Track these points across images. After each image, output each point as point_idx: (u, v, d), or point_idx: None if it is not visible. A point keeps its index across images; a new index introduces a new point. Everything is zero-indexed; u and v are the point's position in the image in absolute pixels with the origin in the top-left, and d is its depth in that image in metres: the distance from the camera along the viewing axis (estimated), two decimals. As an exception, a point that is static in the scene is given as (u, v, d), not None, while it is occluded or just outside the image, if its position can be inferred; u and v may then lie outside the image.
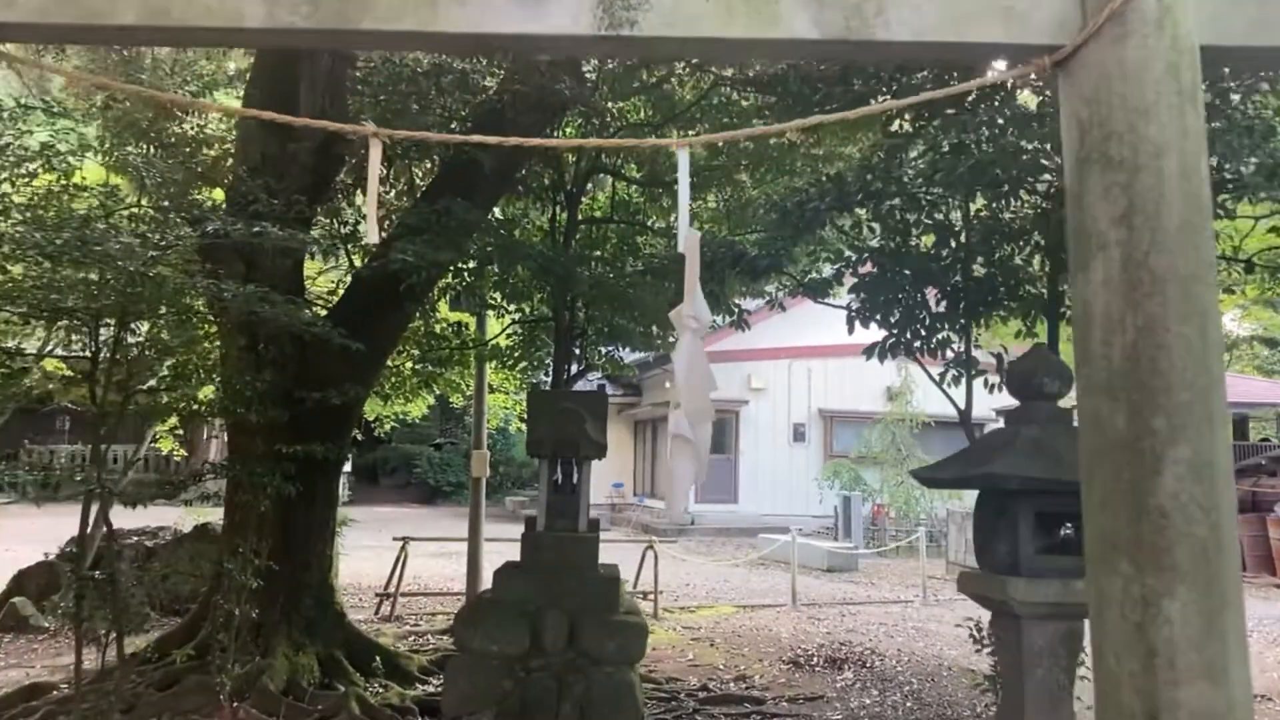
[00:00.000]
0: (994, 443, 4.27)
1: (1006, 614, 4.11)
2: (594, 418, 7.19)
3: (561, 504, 7.21)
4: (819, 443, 24.57)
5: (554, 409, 7.15)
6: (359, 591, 14.15)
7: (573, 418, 7.04)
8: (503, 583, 6.92)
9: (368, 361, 8.71)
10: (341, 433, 8.68)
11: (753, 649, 10.56)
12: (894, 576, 17.53)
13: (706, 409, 3.25)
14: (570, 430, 7.03)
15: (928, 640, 11.56)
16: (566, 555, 6.96)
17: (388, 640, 10.04)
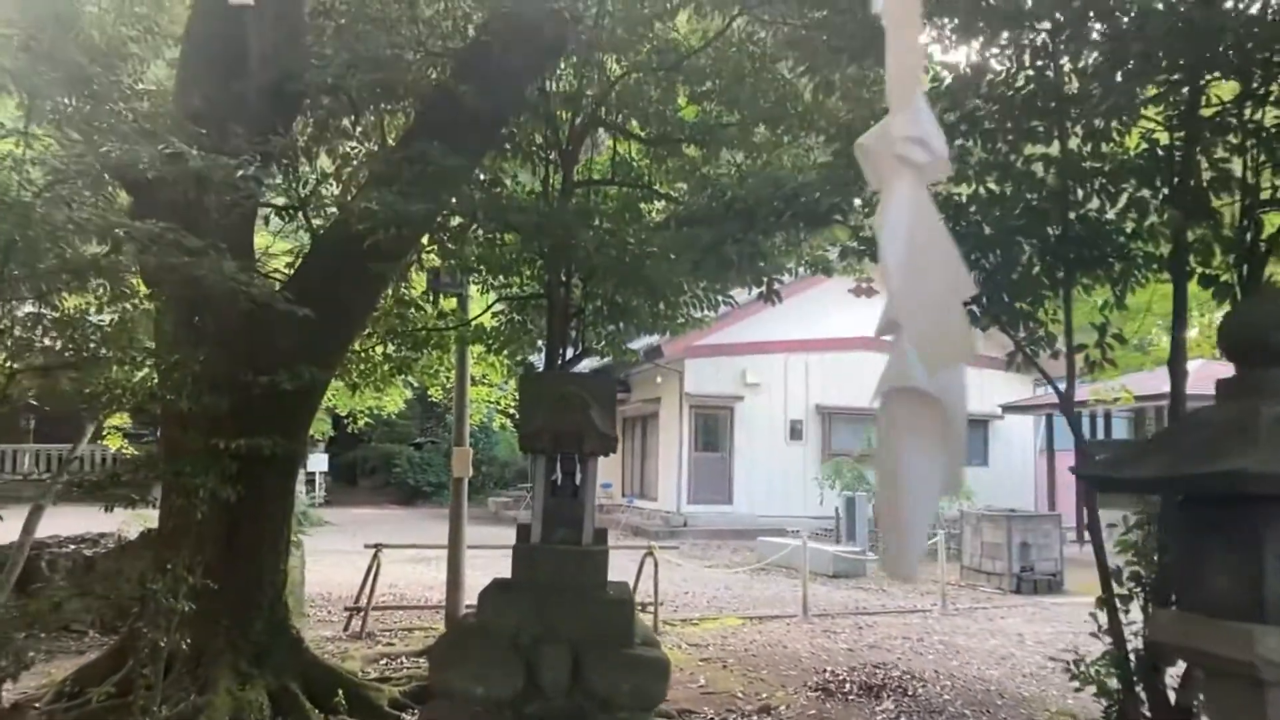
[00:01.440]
0: (1212, 427, 2.90)
1: (1235, 676, 2.75)
2: (600, 404, 5.83)
3: (561, 510, 5.84)
4: (817, 441, 23.27)
5: (552, 394, 5.79)
6: (328, 603, 12.73)
7: (575, 404, 5.68)
8: (490, 606, 5.55)
9: (328, 340, 7.34)
10: (296, 425, 7.28)
11: (771, 671, 9.21)
12: (905, 583, 16.20)
13: (955, 329, 1.81)
14: (572, 419, 5.67)
15: (962, 659, 10.25)
16: (568, 573, 5.60)
17: (355, 665, 8.62)
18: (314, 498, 28.36)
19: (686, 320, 8.83)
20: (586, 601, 5.47)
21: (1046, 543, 15.69)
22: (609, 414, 5.84)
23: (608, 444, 5.70)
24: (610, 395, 6.01)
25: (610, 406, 5.94)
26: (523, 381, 6.36)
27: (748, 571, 17.02)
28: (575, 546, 5.72)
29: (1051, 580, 15.55)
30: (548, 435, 5.73)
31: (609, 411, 5.87)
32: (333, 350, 7.34)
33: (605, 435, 5.67)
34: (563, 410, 5.66)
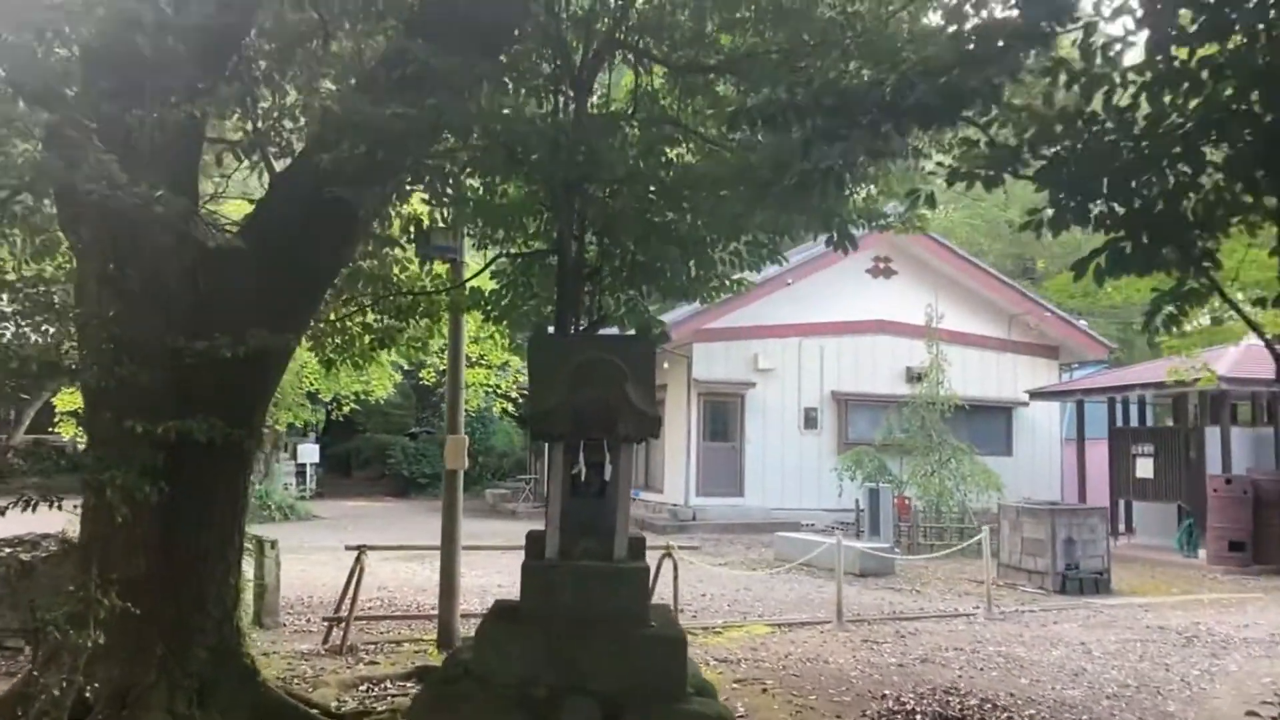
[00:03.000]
0: None
1: None
2: (638, 375, 4.39)
3: (585, 514, 4.40)
4: (832, 429, 21.80)
5: (573, 362, 4.31)
6: (308, 610, 11.25)
7: (605, 374, 4.22)
8: (490, 646, 4.11)
9: (287, 303, 5.87)
10: (246, 407, 5.81)
11: (821, 696, 7.76)
12: (938, 582, 14.80)
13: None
14: (601, 395, 4.21)
15: (1030, 675, 8.82)
16: (596, 599, 4.17)
17: (330, 692, 7.16)
18: (304, 490, 26.87)
19: (724, 283, 7.35)
20: (622, 639, 4.03)
21: (1093, 539, 14.27)
22: (648, 387, 4.39)
23: (647, 426, 4.24)
24: (649, 363, 4.56)
25: (649, 377, 4.49)
26: (533, 347, 4.87)
27: (767, 570, 15.56)
28: (605, 563, 4.27)
29: (1098, 579, 14.14)
30: (568, 416, 4.26)
31: (648, 383, 4.42)
32: (292, 315, 5.86)
33: (644, 415, 4.21)
34: (588, 382, 4.20)
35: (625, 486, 4.36)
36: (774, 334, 21.41)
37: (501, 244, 6.95)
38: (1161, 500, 18.57)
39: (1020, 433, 22.74)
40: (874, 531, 17.07)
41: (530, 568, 4.29)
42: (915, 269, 22.32)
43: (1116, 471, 19.48)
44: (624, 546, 4.34)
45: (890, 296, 22.01)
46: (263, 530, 20.28)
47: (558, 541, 4.32)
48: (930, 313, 18.54)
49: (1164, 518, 18.92)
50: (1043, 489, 21.68)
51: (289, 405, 13.56)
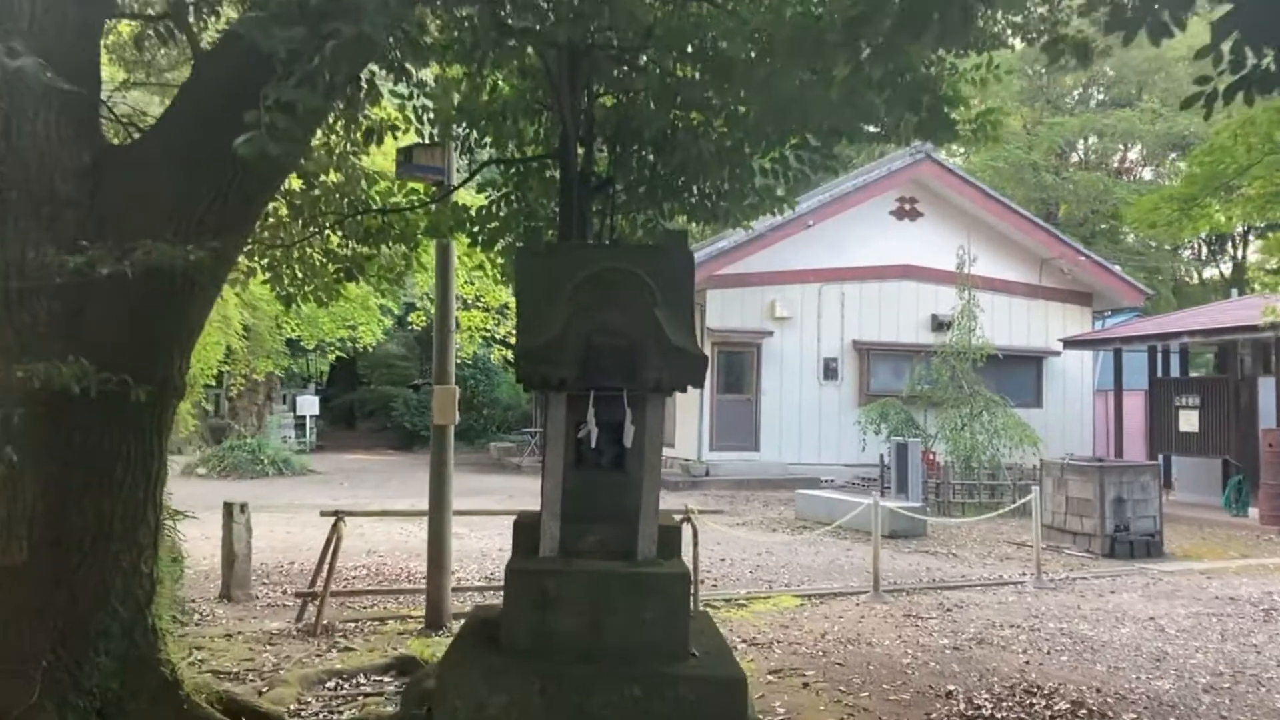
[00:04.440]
0: None
1: None
2: (672, 297, 2.98)
3: (596, 495, 3.07)
4: (853, 380, 20.43)
5: (580, 276, 2.91)
6: (287, 579, 10.02)
7: (625, 294, 2.84)
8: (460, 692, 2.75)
9: (210, 214, 4.47)
10: (158, 348, 4.47)
11: (874, 692, 6.48)
12: (974, 545, 13.53)
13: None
14: (620, 323, 2.82)
15: (1106, 661, 7.55)
16: (613, 623, 2.82)
17: (289, 692, 5.89)
18: (303, 443, 25.68)
19: (763, 201, 5.95)
20: (653, 686, 2.68)
21: (1144, 498, 12.96)
22: (685, 314, 3.03)
23: (687, 370, 2.90)
24: (686, 283, 3.19)
25: (687, 302, 3.13)
26: (524, 257, 3.48)
27: (789, 531, 14.31)
28: (625, 565, 2.94)
29: (1150, 542, 12.85)
30: (571, 354, 2.91)
31: (685, 310, 3.06)
32: (217, 229, 4.47)
33: (682, 354, 2.86)
34: (601, 305, 2.85)
35: (654, 456, 3.04)
36: (792, 280, 19.99)
37: (491, 147, 5.55)
38: (1206, 455, 17.23)
39: (1050, 384, 21.36)
40: (901, 489, 15.77)
41: (517, 573, 2.96)
42: (943, 210, 20.81)
43: (1156, 425, 18.12)
44: (652, 540, 3.03)
45: (916, 240, 20.54)
46: (254, 487, 19.21)
47: (557, 533, 3.00)
48: (962, 255, 17.10)
49: (1207, 474, 17.60)
50: (1073, 442, 20.38)
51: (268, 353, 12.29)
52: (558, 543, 3.00)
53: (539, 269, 3.18)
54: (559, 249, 3.25)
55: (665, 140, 5.67)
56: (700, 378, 2.94)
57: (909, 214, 20.88)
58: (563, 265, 3.09)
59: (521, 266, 3.36)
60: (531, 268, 3.22)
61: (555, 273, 3.09)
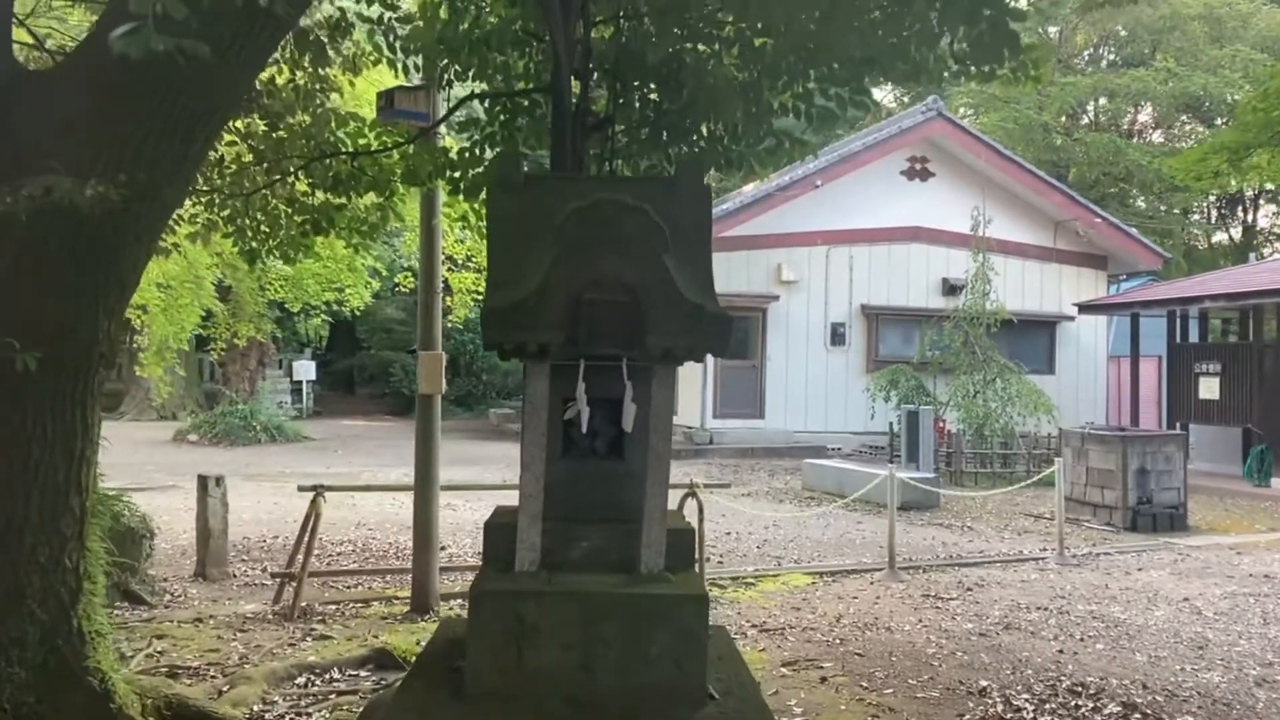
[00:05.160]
0: None
1: None
2: (684, 238, 2.28)
3: (588, 490, 2.39)
4: (861, 346, 19.73)
5: (565, 212, 2.21)
6: (269, 556, 9.42)
7: (624, 234, 2.12)
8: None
9: (141, 148, 3.78)
10: (80, 305, 3.80)
11: (900, 689, 5.86)
12: (989, 517, 12.91)
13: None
14: (616, 273, 2.13)
15: (1146, 649, 6.95)
16: (608, 661, 2.11)
17: (252, 690, 5.28)
18: (300, 409, 25.06)
19: (782, 144, 5.24)
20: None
21: (1169, 469, 12.33)
22: (701, 262, 2.35)
23: (708, 332, 2.21)
24: (705, 221, 2.50)
25: (704, 246, 2.45)
26: (495, 195, 2.75)
27: (796, 503, 13.70)
28: (624, 582, 2.29)
29: (1173, 515, 12.24)
30: (554, 311, 2.23)
31: (701, 256, 2.37)
32: (150, 169, 3.77)
33: (699, 312, 2.17)
34: (594, 247, 2.16)
35: (662, 443, 2.38)
36: (799, 242, 19.23)
37: (474, 81, 4.83)
38: (1226, 424, 16.57)
39: (1063, 350, 20.65)
40: (911, 458, 15.13)
41: (484, 596, 2.28)
42: (955, 170, 20.01)
43: (1175, 392, 17.44)
44: (659, 549, 2.37)
45: (927, 201, 19.75)
46: (245, 454, 18.61)
47: (537, 542, 2.34)
48: (977, 216, 16.35)
49: (1225, 442, 16.96)
50: (1086, 410, 19.74)
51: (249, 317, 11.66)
52: (538, 553, 2.34)
53: (514, 206, 2.49)
54: (540, 180, 2.57)
55: (671, 74, 4.96)
56: (724, 344, 2.28)
57: (920, 174, 20.08)
58: (545, 200, 2.40)
59: (493, 203, 2.66)
60: (505, 205, 2.52)
61: (535, 210, 2.41)
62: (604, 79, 5.09)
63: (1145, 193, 33.36)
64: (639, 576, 2.34)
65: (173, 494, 12.80)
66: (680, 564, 2.47)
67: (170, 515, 10.98)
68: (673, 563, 2.43)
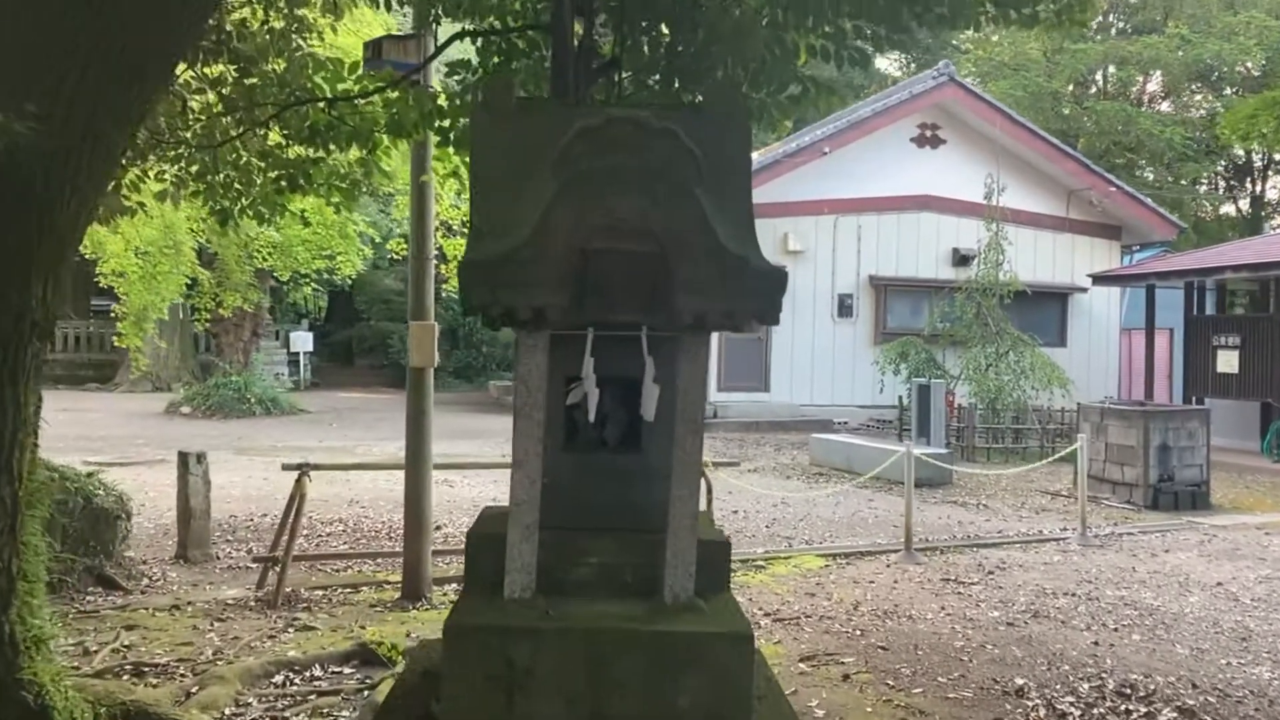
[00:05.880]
0: None
1: None
2: (719, 176, 1.71)
3: (594, 492, 1.82)
4: (869, 318, 19.20)
5: (570, 134, 1.66)
6: (255, 536, 8.93)
7: (645, 164, 1.57)
8: None
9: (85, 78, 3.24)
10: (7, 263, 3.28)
11: (929, 689, 5.39)
12: (1005, 495, 12.43)
13: None
14: (635, 213, 1.57)
15: (1186, 640, 6.49)
16: (624, 715, 1.57)
17: (224, 692, 4.80)
18: (297, 380, 24.54)
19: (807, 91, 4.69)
20: None
21: (1191, 445, 11.84)
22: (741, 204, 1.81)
23: (753, 291, 1.67)
24: (743, 156, 1.97)
25: (744, 185, 1.91)
26: (482, 122, 2.20)
27: (804, 479, 13.23)
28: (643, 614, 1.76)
29: (1195, 493, 11.76)
30: (554, 267, 1.67)
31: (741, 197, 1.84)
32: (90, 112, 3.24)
33: (743, 266, 1.63)
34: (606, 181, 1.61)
35: (691, 435, 1.86)
36: (806, 211, 18.64)
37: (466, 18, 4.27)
38: (1245, 398, 16.06)
39: (1075, 322, 20.10)
40: (922, 433, 14.64)
41: (464, 633, 1.76)
42: (966, 138, 19.38)
43: (1192, 365, 16.92)
44: (687, 568, 1.86)
45: (937, 169, 19.14)
46: (239, 426, 18.09)
47: (531, 561, 1.81)
48: (990, 184, 15.77)
49: (1242, 417, 16.47)
50: (1097, 384, 19.24)
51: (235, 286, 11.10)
52: (533, 575, 1.84)
53: (505, 137, 1.96)
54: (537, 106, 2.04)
55: (685, 11, 4.41)
56: (774, 307, 1.76)
57: (930, 141, 19.46)
58: (543, 129, 1.87)
59: (480, 133, 2.13)
60: (494, 135, 1.99)
61: (531, 141, 1.88)
62: (610, 17, 4.54)
63: (1155, 163, 32.65)
64: (663, 605, 1.84)
65: (160, 469, 12.30)
66: (712, 585, 1.97)
67: (156, 492, 10.51)
68: (704, 583, 1.93)
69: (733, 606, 2.03)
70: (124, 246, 8.77)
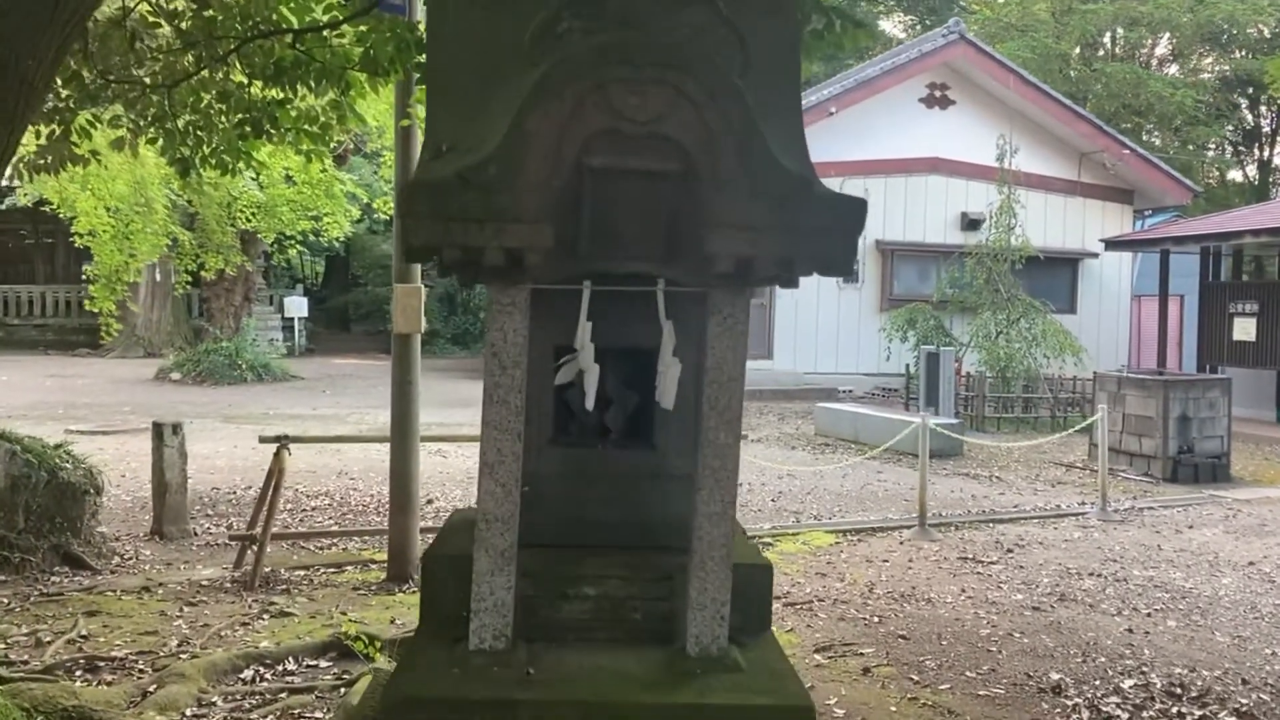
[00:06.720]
0: None
1: None
2: (765, 62, 1.18)
3: (591, 498, 1.29)
4: (875, 283, 18.66)
5: (555, 7, 1.13)
6: (238, 510, 8.45)
7: (662, 46, 1.03)
8: None
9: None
10: None
11: (956, 684, 4.94)
12: (1018, 467, 11.97)
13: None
14: (653, 115, 1.03)
15: (1224, 626, 6.07)
16: None
17: (185, 690, 4.34)
18: (291, 346, 24.01)
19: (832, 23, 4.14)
20: None
21: (1212, 416, 11.37)
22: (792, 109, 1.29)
23: (815, 229, 1.15)
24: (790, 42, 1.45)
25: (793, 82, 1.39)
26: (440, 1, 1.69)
27: (810, 450, 12.76)
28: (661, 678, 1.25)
29: (1216, 465, 11.31)
30: (536, 193, 1.15)
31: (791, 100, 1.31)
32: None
33: (806, 190, 1.11)
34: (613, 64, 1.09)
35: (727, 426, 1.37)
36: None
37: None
38: (1263, 366, 15.56)
39: (1086, 288, 19.56)
40: (930, 402, 14.14)
41: (407, 705, 1.28)
42: (976, 98, 18.74)
43: (1207, 333, 16.41)
44: (720, 608, 1.36)
45: (946, 130, 18.51)
46: (229, 393, 17.55)
47: (506, 595, 1.29)
48: (1002, 146, 15.17)
49: (1259, 386, 15.98)
50: (1108, 351, 18.75)
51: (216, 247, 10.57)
52: (509, 618, 1.33)
53: (471, 20, 1.43)
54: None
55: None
56: (849, 251, 1.26)
57: (940, 101, 18.82)
58: (520, 9, 1.35)
59: (436, 15, 1.60)
60: (456, 17, 1.45)
61: (504, 25, 1.36)
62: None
63: (1163, 127, 31.93)
64: (685, 658, 1.34)
65: (144, 438, 11.78)
66: (749, 626, 1.47)
67: (138, 462, 10.03)
68: (738, 623, 1.42)
69: (777, 658, 1.52)
70: (94, 204, 8.25)
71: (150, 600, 5.91)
